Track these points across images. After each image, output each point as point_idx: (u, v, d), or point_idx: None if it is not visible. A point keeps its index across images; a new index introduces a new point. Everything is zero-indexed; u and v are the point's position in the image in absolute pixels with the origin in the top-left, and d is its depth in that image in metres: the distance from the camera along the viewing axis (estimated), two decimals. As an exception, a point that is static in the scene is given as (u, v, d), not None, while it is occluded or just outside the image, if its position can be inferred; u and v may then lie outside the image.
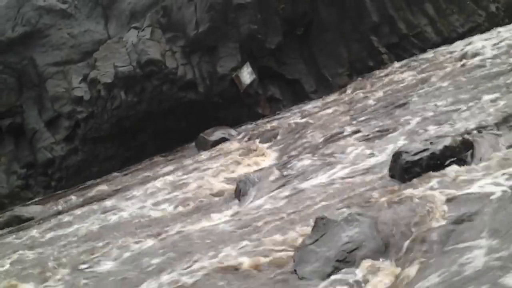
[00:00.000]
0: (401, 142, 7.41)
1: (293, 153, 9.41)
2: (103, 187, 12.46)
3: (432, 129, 7.59)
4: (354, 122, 9.94)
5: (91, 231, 8.54)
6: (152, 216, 8.41)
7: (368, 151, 7.64)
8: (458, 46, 13.64)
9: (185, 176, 10.33)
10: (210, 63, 14.57)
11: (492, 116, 7.08)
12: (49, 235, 9.13)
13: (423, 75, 11.78)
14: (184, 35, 14.73)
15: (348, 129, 9.47)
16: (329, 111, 11.89)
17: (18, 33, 15.50)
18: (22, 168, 14.98)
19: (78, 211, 10.36)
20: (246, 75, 14.27)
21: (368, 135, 8.64)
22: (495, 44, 12.05)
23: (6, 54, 15.39)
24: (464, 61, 11.65)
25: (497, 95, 8.05)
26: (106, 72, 14.52)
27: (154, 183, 10.55)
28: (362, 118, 9.99)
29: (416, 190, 5.28)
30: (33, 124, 15.18)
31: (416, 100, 9.75)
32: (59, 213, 10.99)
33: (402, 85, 11.62)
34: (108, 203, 10.23)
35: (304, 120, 11.89)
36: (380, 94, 11.58)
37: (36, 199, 14.29)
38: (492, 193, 4.58)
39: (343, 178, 6.95)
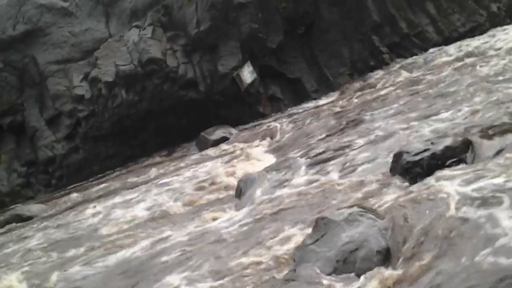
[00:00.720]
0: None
1: (293, 153, 9.40)
2: (103, 187, 12.43)
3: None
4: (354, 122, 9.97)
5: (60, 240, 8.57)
6: (146, 218, 8.39)
7: (369, 153, 7.62)
8: (458, 46, 13.68)
9: (185, 176, 10.33)
10: (211, 62, 14.56)
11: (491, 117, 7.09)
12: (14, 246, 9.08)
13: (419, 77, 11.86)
14: (185, 34, 14.72)
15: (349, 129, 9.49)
16: (332, 110, 11.92)
17: (19, 31, 15.49)
18: (23, 166, 14.97)
19: (69, 214, 10.30)
20: (247, 74, 14.26)
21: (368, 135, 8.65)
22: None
23: (7, 52, 15.38)
24: (461, 61, 11.69)
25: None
26: (107, 71, 14.51)
27: (153, 183, 10.54)
28: (365, 117, 10.00)
29: (417, 190, 5.28)
30: (34, 123, 15.18)
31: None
32: (54, 215, 10.94)
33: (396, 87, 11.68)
34: (102, 204, 10.15)
35: (301, 121, 11.90)
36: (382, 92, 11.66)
37: (37, 198, 14.28)
38: (494, 194, 4.57)
39: (343, 178, 6.95)
